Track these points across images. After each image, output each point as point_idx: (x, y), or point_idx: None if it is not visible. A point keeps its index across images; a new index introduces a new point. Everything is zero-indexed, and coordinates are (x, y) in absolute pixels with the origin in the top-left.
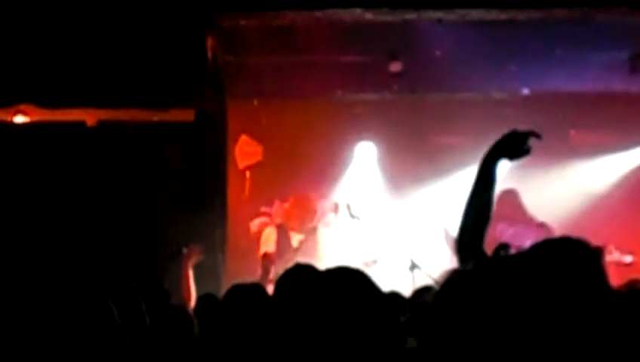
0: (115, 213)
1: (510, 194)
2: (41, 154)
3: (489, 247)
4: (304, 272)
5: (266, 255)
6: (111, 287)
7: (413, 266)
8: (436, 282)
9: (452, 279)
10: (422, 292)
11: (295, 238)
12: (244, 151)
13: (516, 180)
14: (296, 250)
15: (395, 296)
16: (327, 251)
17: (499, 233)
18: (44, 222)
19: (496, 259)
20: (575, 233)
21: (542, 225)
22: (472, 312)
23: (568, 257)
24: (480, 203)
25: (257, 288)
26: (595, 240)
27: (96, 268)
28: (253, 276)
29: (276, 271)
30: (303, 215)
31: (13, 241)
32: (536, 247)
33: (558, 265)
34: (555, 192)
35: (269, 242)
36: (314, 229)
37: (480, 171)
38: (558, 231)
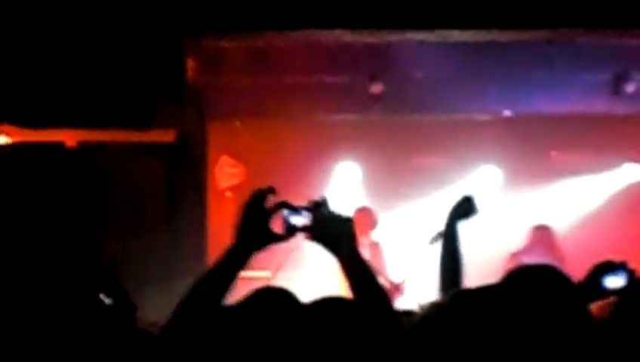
0: (94, 234)
1: (544, 231)
2: (20, 175)
3: None
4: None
5: None
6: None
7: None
8: (416, 311)
9: (426, 317)
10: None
11: None
12: (225, 172)
13: (501, 200)
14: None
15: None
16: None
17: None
18: (23, 241)
19: (471, 291)
20: (557, 253)
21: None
22: (449, 346)
23: (540, 286)
24: (450, 258)
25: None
26: (574, 260)
27: (70, 286)
28: (232, 296)
29: None
30: (364, 227)
31: None
32: (508, 278)
33: (530, 294)
34: (537, 213)
35: None
36: (376, 244)
37: (444, 233)
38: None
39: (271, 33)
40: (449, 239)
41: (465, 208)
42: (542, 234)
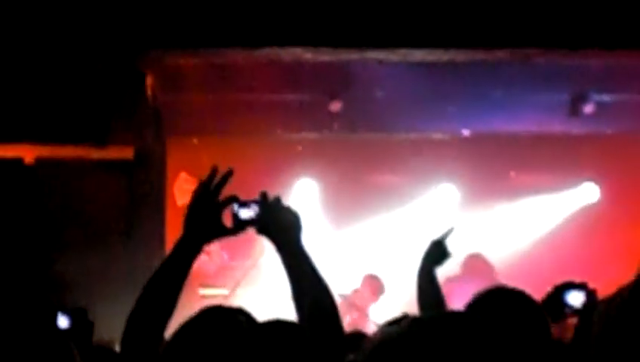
0: (52, 250)
1: (478, 258)
2: None
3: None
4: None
5: None
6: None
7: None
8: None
9: (383, 337)
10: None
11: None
12: (184, 189)
13: (459, 219)
14: None
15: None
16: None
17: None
18: None
19: (434, 316)
20: (517, 270)
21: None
22: None
23: (506, 308)
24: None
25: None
26: (535, 278)
27: (30, 303)
28: (190, 313)
29: None
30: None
31: None
32: (474, 301)
33: (496, 317)
34: (497, 232)
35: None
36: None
37: (419, 280)
38: (502, 270)
39: (231, 51)
40: (427, 284)
41: (437, 253)
42: (475, 262)
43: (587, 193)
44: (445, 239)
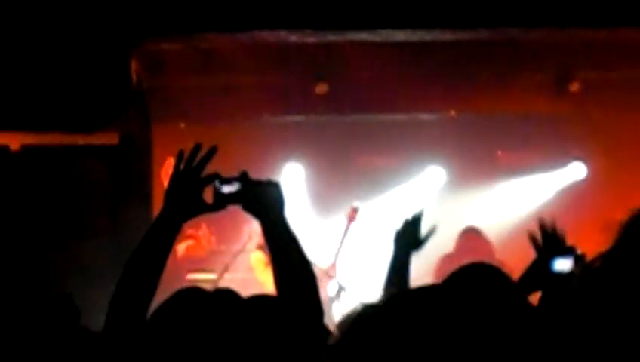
0: (39, 238)
1: (473, 234)
2: None
3: None
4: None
5: None
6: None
7: (340, 289)
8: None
9: (363, 313)
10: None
11: None
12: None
13: (447, 200)
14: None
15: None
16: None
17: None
18: None
19: (409, 292)
20: (508, 252)
21: None
22: (384, 346)
23: (477, 284)
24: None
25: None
26: (521, 259)
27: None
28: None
29: None
30: None
31: None
32: (448, 279)
33: (468, 293)
34: (485, 211)
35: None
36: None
37: (392, 266)
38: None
39: (215, 35)
40: (397, 273)
41: (410, 237)
42: (471, 237)
43: (574, 172)
44: (418, 220)
